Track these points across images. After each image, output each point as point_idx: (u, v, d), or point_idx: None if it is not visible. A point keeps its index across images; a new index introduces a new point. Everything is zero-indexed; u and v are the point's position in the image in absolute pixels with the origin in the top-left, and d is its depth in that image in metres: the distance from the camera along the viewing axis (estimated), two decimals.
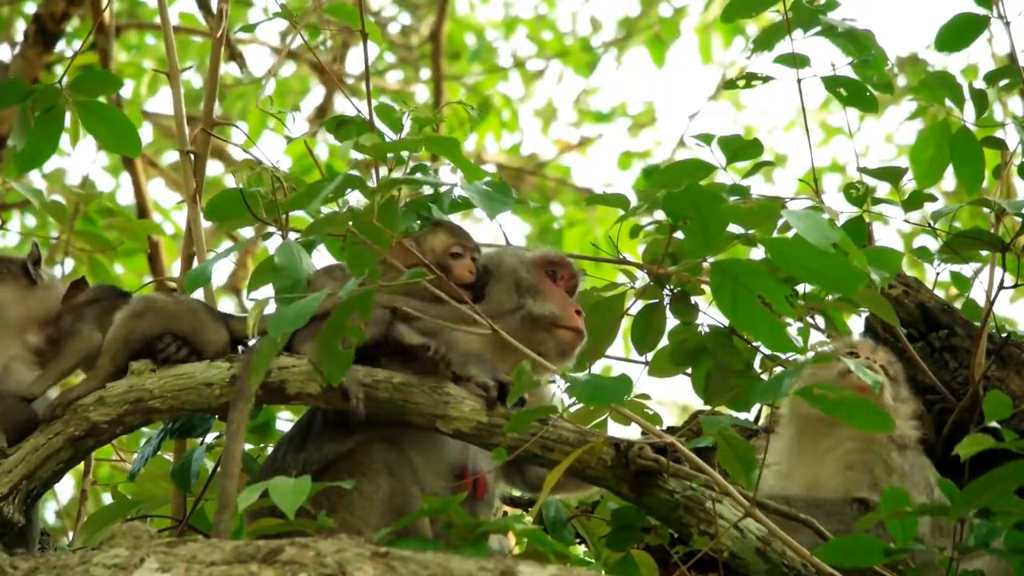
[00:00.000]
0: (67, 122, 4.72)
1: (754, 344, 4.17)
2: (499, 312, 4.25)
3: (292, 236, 4.33)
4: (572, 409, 4.60)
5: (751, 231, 3.77)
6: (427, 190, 4.62)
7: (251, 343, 4.20)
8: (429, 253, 4.29)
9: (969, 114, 4.94)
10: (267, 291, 4.11)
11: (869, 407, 3.78)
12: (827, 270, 3.63)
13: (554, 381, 4.22)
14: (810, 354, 3.94)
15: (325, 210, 4.00)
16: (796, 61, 4.86)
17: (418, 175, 4.36)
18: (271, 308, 4.00)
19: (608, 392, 3.73)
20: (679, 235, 3.90)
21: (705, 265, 3.81)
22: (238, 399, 3.99)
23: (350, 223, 3.89)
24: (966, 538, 3.73)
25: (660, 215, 4.21)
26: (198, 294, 4.65)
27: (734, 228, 3.79)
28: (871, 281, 4.38)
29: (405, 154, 4.72)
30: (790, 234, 3.75)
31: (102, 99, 4.76)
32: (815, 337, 4.34)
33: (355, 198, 4.44)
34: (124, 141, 4.77)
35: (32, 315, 4.45)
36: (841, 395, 3.75)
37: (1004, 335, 4.72)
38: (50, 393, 4.36)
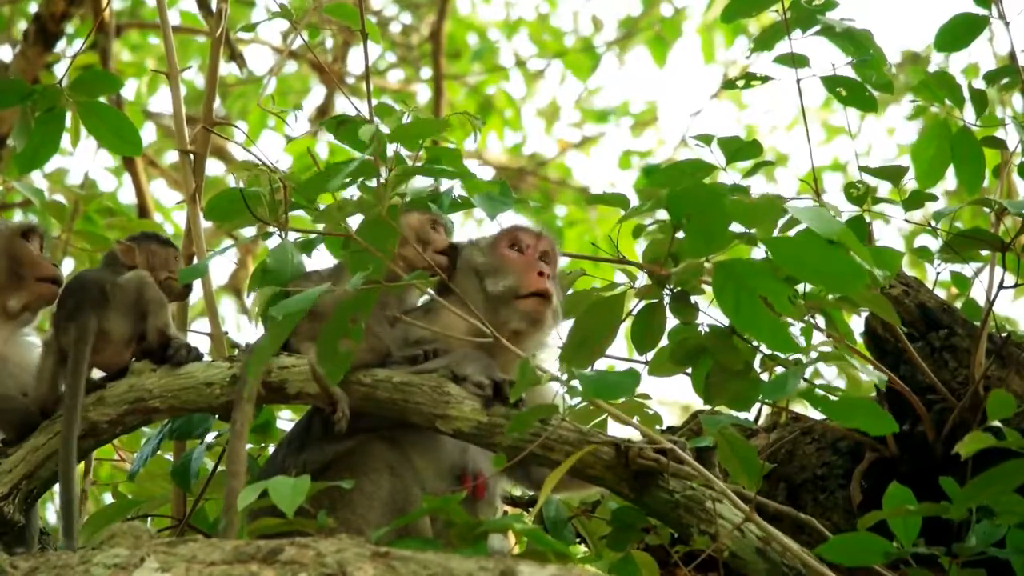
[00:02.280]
0: (68, 122, 4.72)
1: (754, 344, 4.17)
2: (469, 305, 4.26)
3: (291, 236, 4.33)
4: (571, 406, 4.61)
5: (751, 230, 3.76)
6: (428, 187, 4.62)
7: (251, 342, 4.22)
8: (409, 231, 4.28)
9: (969, 114, 4.93)
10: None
11: (870, 407, 3.76)
12: (829, 268, 3.60)
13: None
14: (813, 354, 3.92)
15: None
16: (795, 61, 4.86)
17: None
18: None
19: (616, 387, 3.72)
20: (680, 235, 3.89)
21: (707, 265, 3.79)
22: (241, 398, 3.99)
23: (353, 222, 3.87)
24: (967, 538, 3.71)
25: (662, 215, 4.20)
26: (197, 293, 4.65)
27: (735, 227, 3.77)
28: (872, 280, 4.38)
29: (405, 153, 4.72)
30: (790, 234, 3.74)
31: (102, 99, 4.76)
32: (816, 337, 4.33)
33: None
34: (125, 141, 4.77)
35: None
36: (841, 396, 3.72)
37: (1004, 335, 4.70)
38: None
